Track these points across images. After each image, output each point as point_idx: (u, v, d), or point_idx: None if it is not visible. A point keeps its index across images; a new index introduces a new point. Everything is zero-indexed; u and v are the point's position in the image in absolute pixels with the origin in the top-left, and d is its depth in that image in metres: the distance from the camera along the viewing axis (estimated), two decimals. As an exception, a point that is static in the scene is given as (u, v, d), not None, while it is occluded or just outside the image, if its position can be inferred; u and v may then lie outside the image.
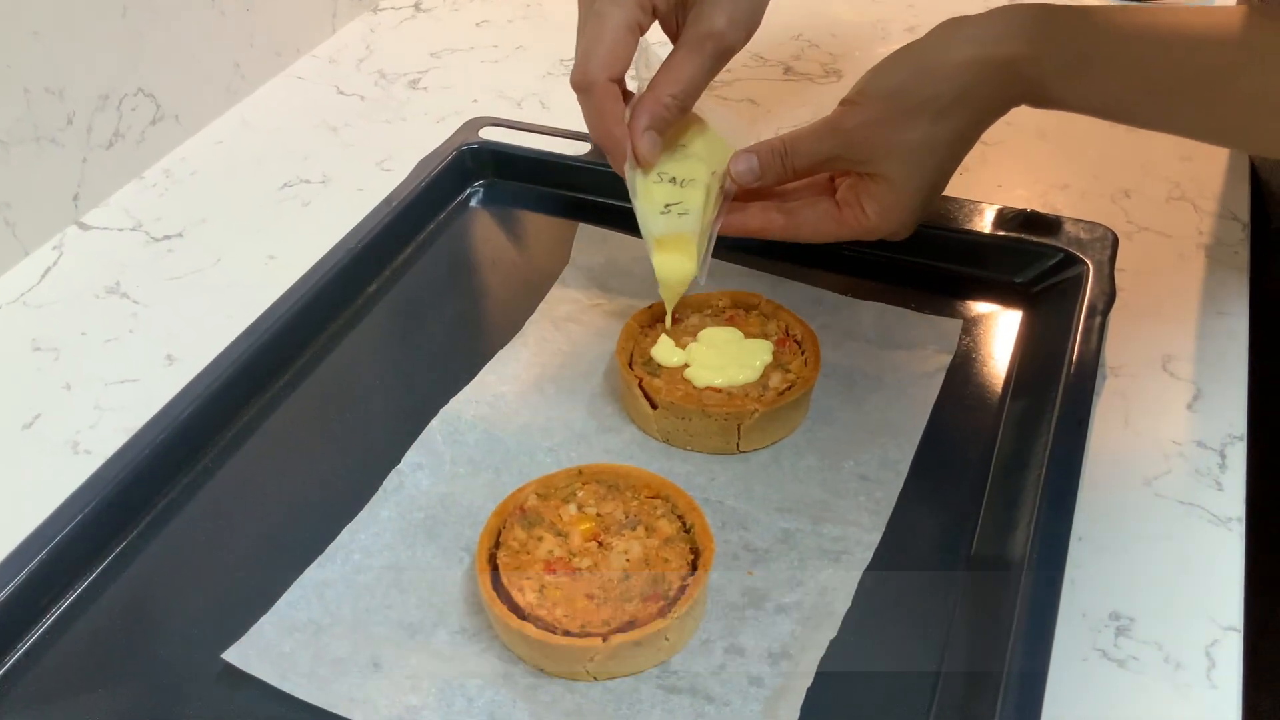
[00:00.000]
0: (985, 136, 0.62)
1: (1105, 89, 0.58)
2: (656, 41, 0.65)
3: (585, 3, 0.63)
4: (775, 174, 0.64)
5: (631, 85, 0.65)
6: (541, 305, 0.73)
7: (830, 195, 0.66)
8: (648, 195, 0.64)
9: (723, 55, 0.62)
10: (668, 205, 0.64)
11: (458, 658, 0.53)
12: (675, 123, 0.63)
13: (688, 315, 0.68)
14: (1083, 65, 0.57)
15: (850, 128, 0.61)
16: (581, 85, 0.61)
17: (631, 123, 0.62)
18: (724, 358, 0.65)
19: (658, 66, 0.63)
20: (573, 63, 0.61)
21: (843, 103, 0.62)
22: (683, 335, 0.67)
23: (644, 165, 0.63)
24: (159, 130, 0.90)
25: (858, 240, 0.65)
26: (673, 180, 0.65)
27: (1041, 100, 0.59)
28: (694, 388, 0.63)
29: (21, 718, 0.52)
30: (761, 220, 0.66)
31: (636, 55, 0.65)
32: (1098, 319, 0.66)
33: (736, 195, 0.66)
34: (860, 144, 0.61)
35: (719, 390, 0.63)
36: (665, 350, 0.66)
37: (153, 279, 0.79)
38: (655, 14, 0.63)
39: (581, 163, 0.81)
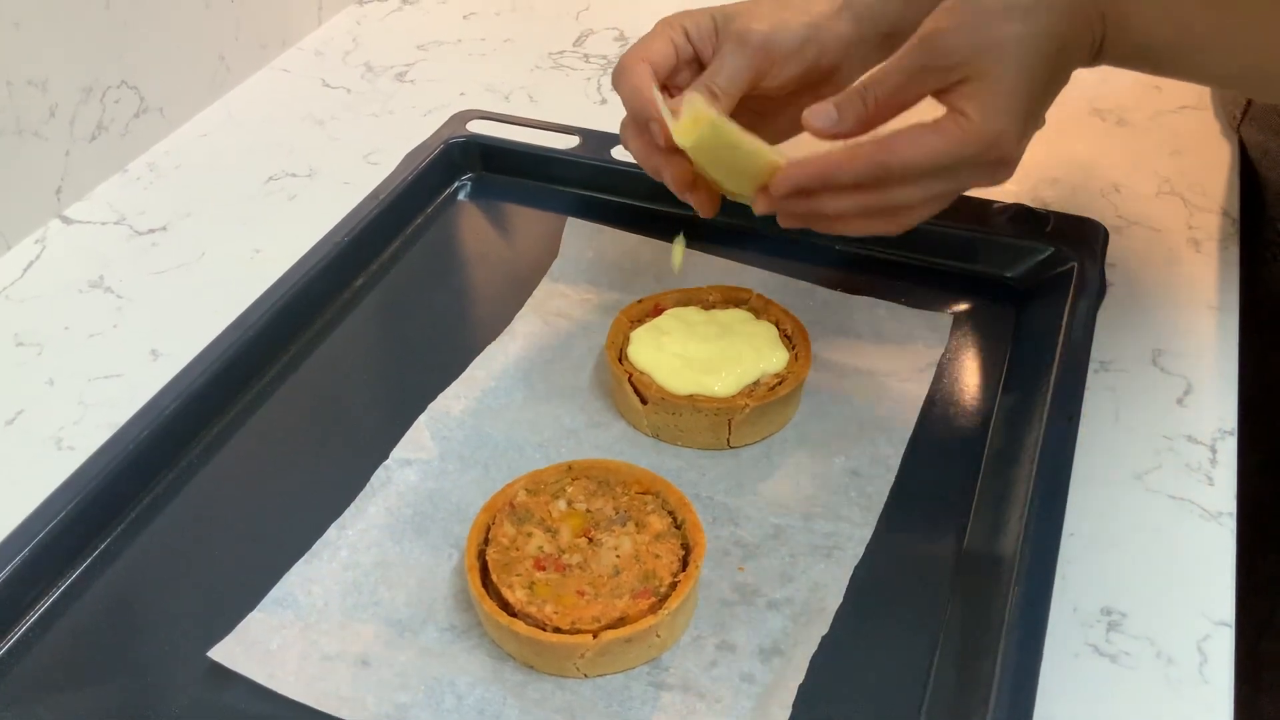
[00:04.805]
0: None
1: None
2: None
3: None
4: (855, 113, 0.57)
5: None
6: (530, 300, 0.73)
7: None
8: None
9: (760, 51, 0.61)
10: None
11: (447, 655, 0.53)
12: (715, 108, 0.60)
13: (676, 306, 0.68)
14: None
15: (935, 32, 0.55)
16: (618, 70, 0.62)
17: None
18: (709, 351, 0.64)
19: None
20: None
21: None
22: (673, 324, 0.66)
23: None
24: (143, 123, 0.89)
25: (963, 159, 0.55)
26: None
27: (1113, 23, 0.56)
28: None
29: (5, 716, 0.52)
30: (850, 153, 0.56)
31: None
32: (1088, 313, 0.66)
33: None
34: (950, 49, 0.55)
35: None
36: (640, 349, 0.65)
37: (137, 273, 0.78)
38: (689, 38, 0.63)
39: (570, 156, 0.81)
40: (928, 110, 0.56)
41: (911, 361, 0.67)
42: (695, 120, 0.57)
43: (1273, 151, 0.81)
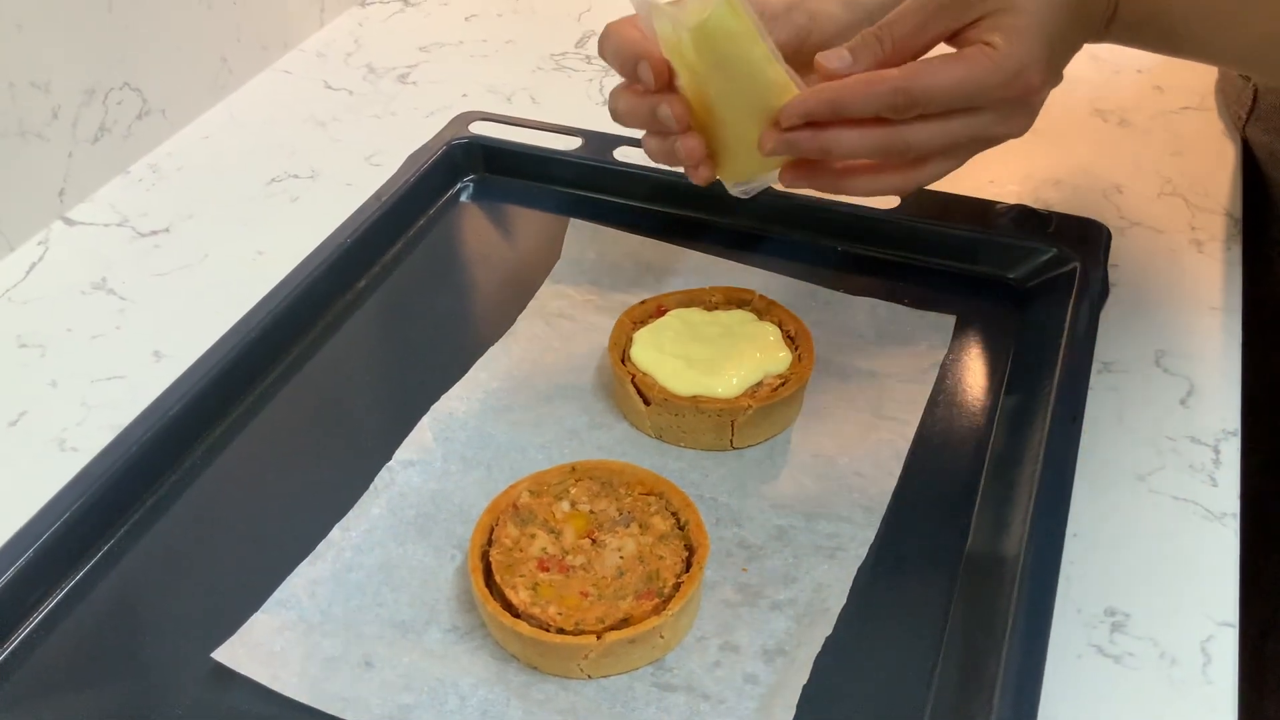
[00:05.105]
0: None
1: None
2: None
3: None
4: (871, 54, 0.55)
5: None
6: (533, 301, 0.73)
7: None
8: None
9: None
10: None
11: (450, 656, 0.53)
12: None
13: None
14: None
15: None
16: (601, 37, 0.59)
17: None
18: (711, 352, 0.64)
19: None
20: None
21: None
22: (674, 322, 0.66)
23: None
24: (146, 125, 0.89)
25: (988, 89, 0.54)
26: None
27: None
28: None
29: (8, 717, 0.52)
30: (870, 76, 0.54)
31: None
32: (1091, 314, 0.66)
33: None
34: None
35: None
36: (643, 350, 0.65)
37: (140, 275, 0.78)
38: None
39: (572, 158, 0.81)
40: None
41: (914, 362, 0.67)
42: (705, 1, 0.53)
43: (1279, 152, 0.81)
